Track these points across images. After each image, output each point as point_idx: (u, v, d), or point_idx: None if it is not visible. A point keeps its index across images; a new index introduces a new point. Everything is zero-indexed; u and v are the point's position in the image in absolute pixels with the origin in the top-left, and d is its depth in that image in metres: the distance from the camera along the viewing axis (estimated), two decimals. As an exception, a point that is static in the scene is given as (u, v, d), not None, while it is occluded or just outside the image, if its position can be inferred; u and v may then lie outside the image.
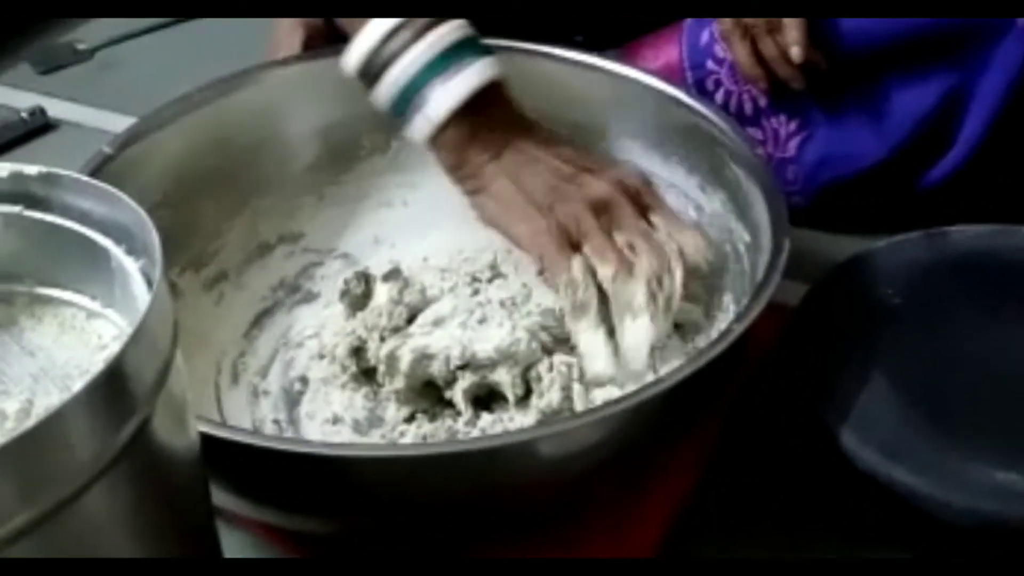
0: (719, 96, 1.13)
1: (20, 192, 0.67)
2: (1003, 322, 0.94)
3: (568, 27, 1.19)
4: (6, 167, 0.67)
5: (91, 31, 1.61)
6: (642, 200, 0.92)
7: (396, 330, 0.90)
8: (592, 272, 0.89)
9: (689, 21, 1.15)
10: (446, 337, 0.88)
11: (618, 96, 1.03)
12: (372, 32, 0.92)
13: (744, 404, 0.93)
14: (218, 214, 1.03)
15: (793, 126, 1.12)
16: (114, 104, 1.41)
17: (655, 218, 0.91)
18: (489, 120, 0.92)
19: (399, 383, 0.88)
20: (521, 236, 0.92)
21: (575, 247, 0.90)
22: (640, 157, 1.02)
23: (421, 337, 0.89)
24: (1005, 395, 0.88)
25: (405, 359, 0.87)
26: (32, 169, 0.67)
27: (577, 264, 0.88)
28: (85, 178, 0.66)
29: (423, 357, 0.87)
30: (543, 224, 0.90)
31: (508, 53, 1.03)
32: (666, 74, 1.07)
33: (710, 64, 1.13)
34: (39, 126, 1.41)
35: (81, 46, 1.57)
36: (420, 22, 0.91)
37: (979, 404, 0.88)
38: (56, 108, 1.43)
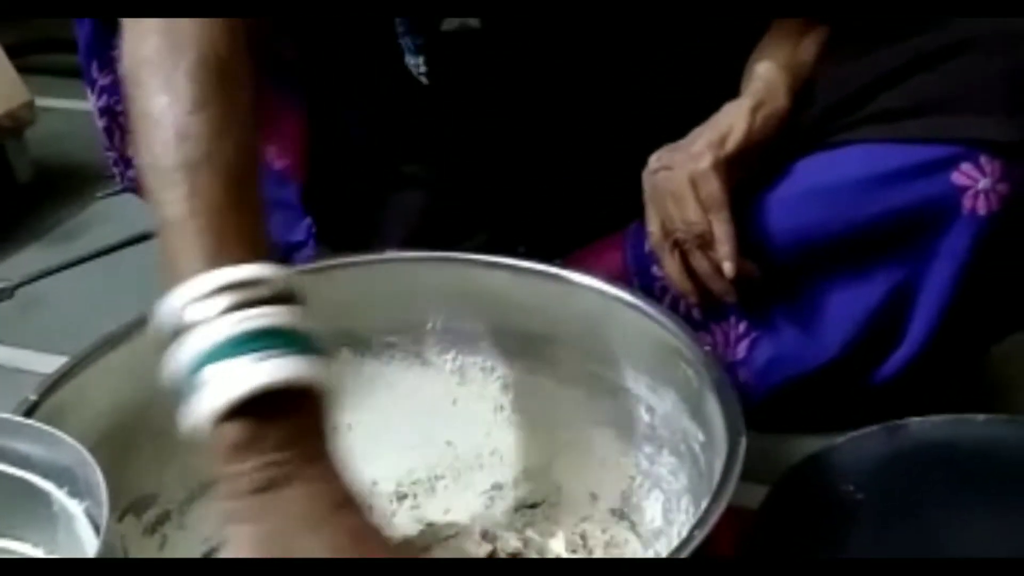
0: (666, 302, 1.15)
1: (-52, 438, 0.67)
2: (967, 511, 0.96)
3: (511, 238, 1.23)
4: (-71, 414, 0.67)
5: (9, 268, 1.63)
6: None
7: None
8: None
9: (632, 228, 1.19)
10: None
11: (563, 301, 1.05)
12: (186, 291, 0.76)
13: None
14: (155, 454, 1.02)
15: (742, 327, 1.15)
16: (38, 343, 1.43)
17: None
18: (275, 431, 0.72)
19: None
20: None
21: None
22: (586, 360, 1.05)
23: None
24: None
25: None
26: (-39, 413, 0.67)
27: None
28: (20, 419, 0.67)
29: None
30: None
31: (451, 264, 1.07)
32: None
33: (655, 270, 1.17)
34: (-42, 371, 1.41)
35: (0, 284, 1.59)
36: (246, 294, 0.74)
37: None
38: (-24, 351, 1.44)
